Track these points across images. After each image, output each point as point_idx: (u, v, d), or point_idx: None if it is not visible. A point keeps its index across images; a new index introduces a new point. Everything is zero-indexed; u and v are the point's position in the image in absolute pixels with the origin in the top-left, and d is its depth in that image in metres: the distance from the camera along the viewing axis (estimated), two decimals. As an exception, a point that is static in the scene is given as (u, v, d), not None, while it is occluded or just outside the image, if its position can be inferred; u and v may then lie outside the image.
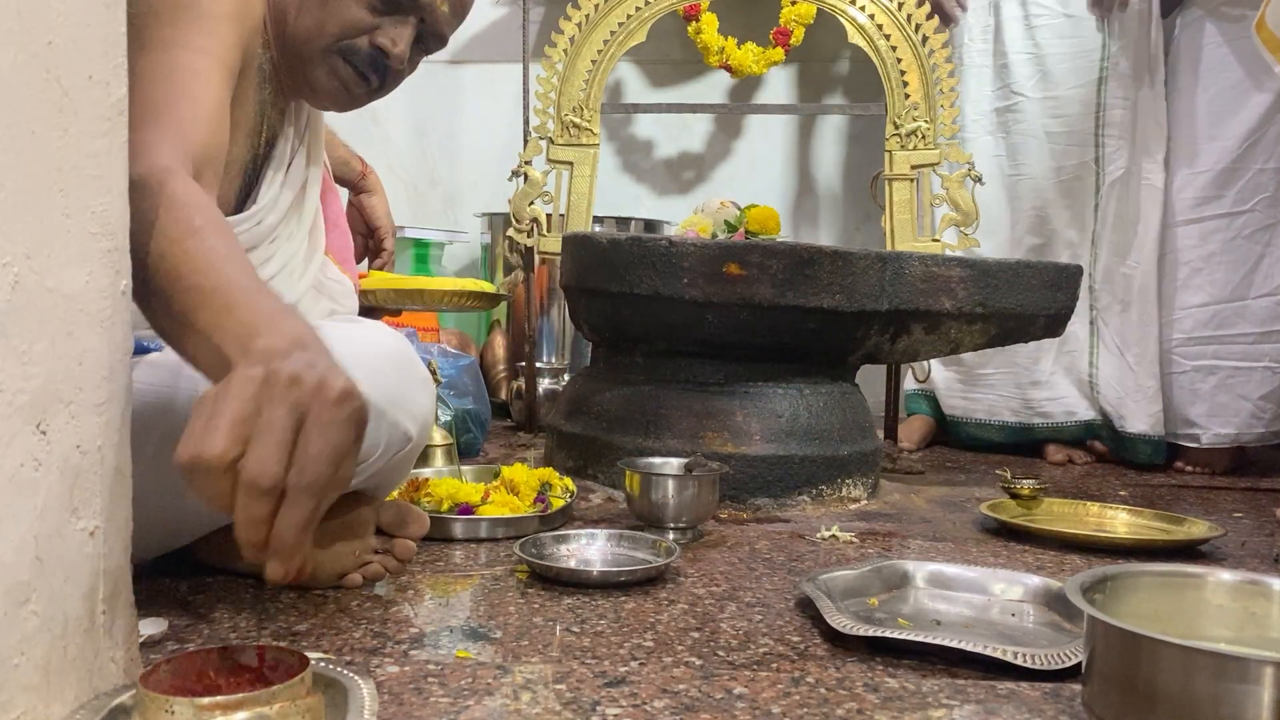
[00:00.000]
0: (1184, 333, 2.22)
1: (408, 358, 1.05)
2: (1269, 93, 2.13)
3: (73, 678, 0.61)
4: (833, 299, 1.54)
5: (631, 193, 3.16)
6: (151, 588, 0.99)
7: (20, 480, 0.56)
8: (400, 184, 3.12)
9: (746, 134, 3.18)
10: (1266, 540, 1.50)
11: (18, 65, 0.56)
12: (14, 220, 0.56)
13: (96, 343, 0.63)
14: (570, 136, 2.27)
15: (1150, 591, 0.85)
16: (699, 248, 1.54)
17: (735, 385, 1.60)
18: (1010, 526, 1.44)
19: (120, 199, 0.66)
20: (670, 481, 1.32)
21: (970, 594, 1.07)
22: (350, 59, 1.08)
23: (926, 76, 2.23)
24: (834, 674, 0.84)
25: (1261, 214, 2.17)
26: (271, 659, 0.64)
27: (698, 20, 2.86)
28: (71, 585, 0.61)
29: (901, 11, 2.23)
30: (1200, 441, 2.20)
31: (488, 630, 0.93)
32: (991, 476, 1.95)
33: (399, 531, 1.06)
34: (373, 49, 1.08)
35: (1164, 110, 2.25)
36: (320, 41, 1.06)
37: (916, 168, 2.25)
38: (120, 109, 0.65)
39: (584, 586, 1.08)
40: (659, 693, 0.78)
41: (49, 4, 0.58)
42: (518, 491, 1.35)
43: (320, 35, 1.06)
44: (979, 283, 1.64)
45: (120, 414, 0.67)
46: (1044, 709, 0.78)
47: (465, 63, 3.13)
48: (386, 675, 0.80)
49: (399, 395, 1.00)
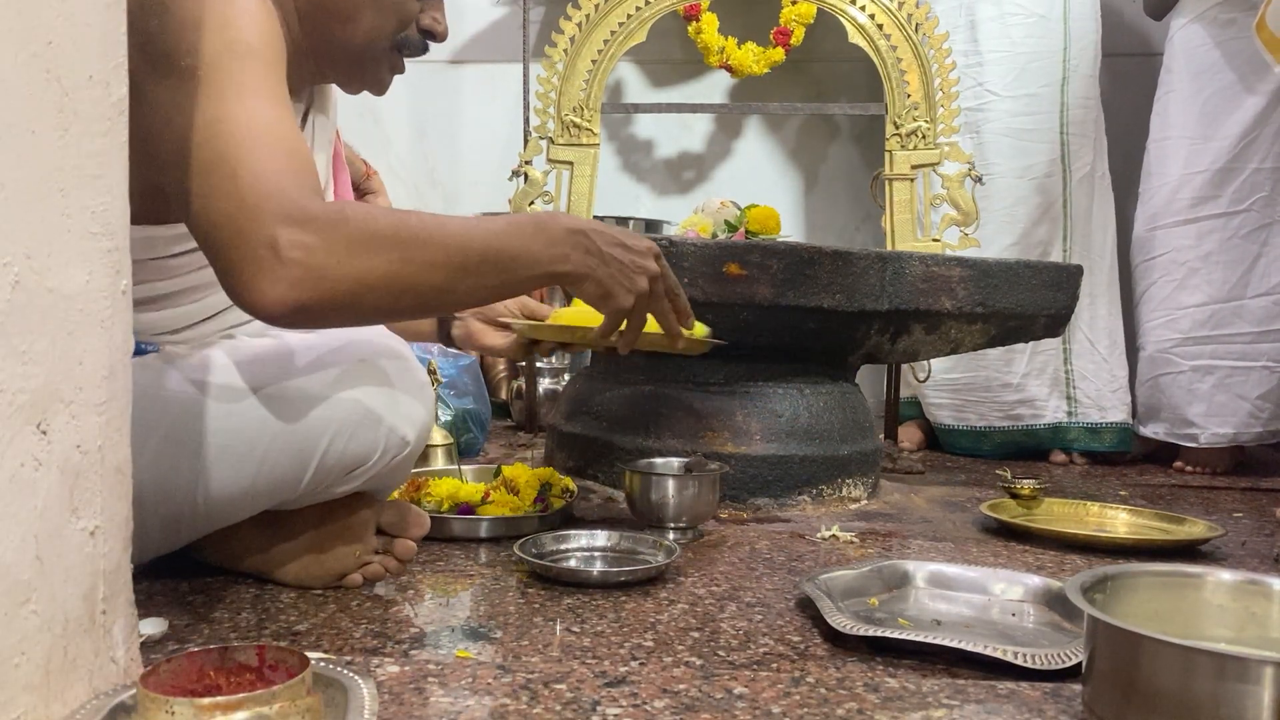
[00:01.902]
0: (1182, 332, 2.22)
1: (405, 363, 1.05)
2: (1262, 95, 2.14)
3: (73, 678, 0.61)
4: (833, 299, 1.54)
5: (631, 193, 3.16)
6: (151, 588, 0.99)
7: (20, 480, 0.56)
8: (400, 184, 3.11)
9: (746, 134, 3.17)
10: (1266, 540, 1.50)
11: (18, 65, 0.56)
12: (14, 220, 0.56)
13: (96, 343, 0.63)
14: (570, 136, 2.27)
15: (1150, 591, 0.85)
16: (699, 248, 1.54)
17: (735, 385, 1.60)
18: (1010, 526, 1.44)
19: (120, 199, 0.66)
20: (670, 481, 1.31)
21: (970, 594, 1.07)
22: (404, 50, 1.09)
23: (927, 76, 2.23)
24: (834, 674, 0.84)
25: (1258, 214, 2.17)
26: (271, 659, 0.64)
27: (698, 20, 2.86)
28: (71, 585, 0.61)
29: (901, 11, 2.23)
30: (1198, 441, 2.20)
31: (488, 630, 0.93)
32: (991, 476, 1.95)
33: (399, 532, 1.06)
34: (421, 34, 1.09)
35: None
36: (381, 43, 1.06)
37: (916, 168, 2.25)
38: (120, 108, 0.65)
39: (584, 586, 1.08)
40: (659, 693, 0.78)
41: (49, 4, 0.58)
42: (518, 491, 1.35)
43: (381, 36, 1.05)
44: (979, 283, 1.64)
45: (120, 414, 0.67)
46: (1044, 709, 0.78)
47: (465, 63, 3.13)
48: (386, 675, 0.80)
49: (396, 401, 1.00)
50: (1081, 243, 2.32)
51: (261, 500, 0.97)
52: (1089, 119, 2.33)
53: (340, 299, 0.83)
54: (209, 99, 0.83)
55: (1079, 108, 2.31)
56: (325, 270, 0.82)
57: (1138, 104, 2.48)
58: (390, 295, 0.86)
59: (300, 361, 0.98)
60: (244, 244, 0.80)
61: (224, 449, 0.93)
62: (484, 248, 0.91)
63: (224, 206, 0.81)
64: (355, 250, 0.83)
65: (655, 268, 1.03)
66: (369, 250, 0.84)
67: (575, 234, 0.97)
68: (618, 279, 1.00)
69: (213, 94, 0.84)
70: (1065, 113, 2.30)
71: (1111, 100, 2.50)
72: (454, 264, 0.89)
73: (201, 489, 0.93)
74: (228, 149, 0.82)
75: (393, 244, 0.85)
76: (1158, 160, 2.29)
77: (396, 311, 0.91)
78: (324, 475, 0.97)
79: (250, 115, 0.84)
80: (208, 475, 0.93)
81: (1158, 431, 2.27)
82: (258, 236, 0.80)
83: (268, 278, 0.80)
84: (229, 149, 0.82)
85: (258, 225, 0.80)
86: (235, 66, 0.86)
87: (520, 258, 0.93)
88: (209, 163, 0.82)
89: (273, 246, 0.80)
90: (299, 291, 0.81)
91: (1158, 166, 2.28)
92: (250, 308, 0.82)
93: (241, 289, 0.81)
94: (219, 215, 0.81)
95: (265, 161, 0.82)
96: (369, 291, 0.84)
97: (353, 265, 0.83)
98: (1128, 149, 2.47)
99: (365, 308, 0.86)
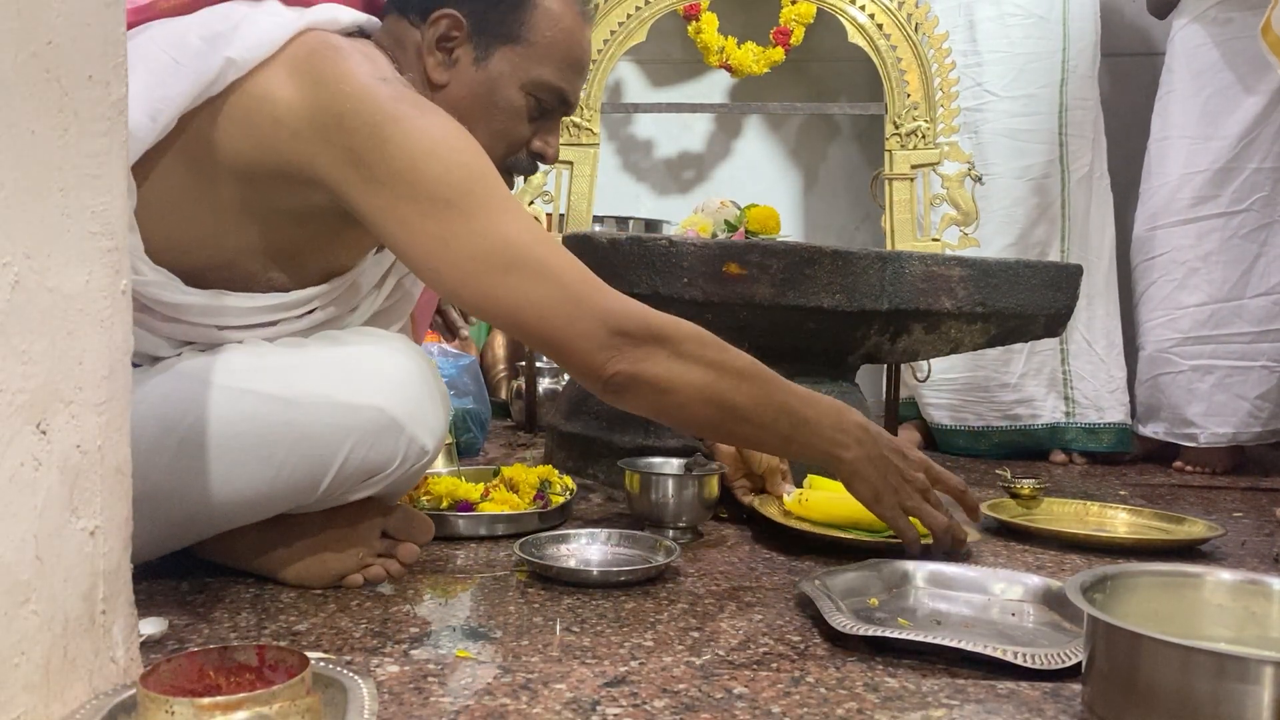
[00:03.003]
0: (1181, 332, 2.22)
1: (429, 375, 1.05)
2: (1262, 95, 2.14)
3: (72, 678, 0.61)
4: (833, 299, 1.54)
5: (631, 192, 3.16)
6: (151, 588, 0.99)
7: (20, 480, 0.56)
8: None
9: (746, 134, 3.17)
10: (1266, 540, 1.50)
11: (18, 65, 0.56)
12: (14, 220, 0.56)
13: (96, 343, 0.63)
14: (570, 136, 2.27)
15: (1150, 591, 0.85)
16: (699, 248, 1.54)
17: (735, 385, 1.60)
18: (1010, 526, 1.44)
19: (120, 199, 0.66)
20: (670, 481, 1.32)
21: (970, 594, 1.07)
22: (515, 170, 1.11)
23: (926, 76, 2.23)
24: (834, 674, 0.84)
25: (1258, 213, 2.17)
26: (271, 659, 0.64)
27: (698, 20, 2.86)
28: (71, 585, 0.61)
29: (901, 11, 2.23)
30: (1198, 441, 2.20)
31: (488, 630, 0.93)
32: (991, 476, 1.95)
33: (404, 537, 1.06)
34: (530, 157, 1.11)
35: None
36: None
37: (916, 167, 2.25)
38: (120, 109, 0.65)
39: (584, 586, 1.08)
40: (659, 692, 0.78)
41: (49, 4, 0.58)
42: (517, 490, 1.35)
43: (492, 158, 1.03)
44: (979, 282, 1.64)
45: (120, 414, 0.67)
46: (1044, 709, 0.78)
47: (465, 62, 3.13)
48: (386, 675, 0.80)
49: (419, 411, 1.00)
50: (1079, 243, 2.32)
51: (278, 504, 0.98)
52: (1088, 120, 2.33)
53: (660, 382, 0.99)
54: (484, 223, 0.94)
55: (1078, 109, 2.30)
56: (656, 356, 0.98)
57: (1138, 104, 2.48)
58: (698, 399, 1.01)
59: (322, 367, 0.98)
60: (591, 338, 0.96)
61: (243, 452, 0.93)
62: (784, 401, 1.07)
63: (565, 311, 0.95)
64: (686, 351, 1.00)
65: (925, 482, 1.15)
66: (697, 355, 1.01)
67: (863, 429, 1.11)
68: (890, 485, 1.13)
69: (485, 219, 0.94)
70: (1064, 113, 2.30)
71: (1111, 100, 2.50)
72: (757, 396, 1.05)
73: (219, 491, 0.93)
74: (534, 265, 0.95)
75: (717, 361, 1.03)
76: (1158, 160, 2.29)
77: (695, 417, 1.05)
78: (342, 481, 0.97)
79: (533, 233, 0.96)
80: (225, 478, 0.93)
81: (1157, 431, 2.27)
82: (604, 328, 0.96)
83: (611, 360, 0.97)
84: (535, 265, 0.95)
85: (599, 321, 0.96)
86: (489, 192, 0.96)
87: (810, 425, 1.08)
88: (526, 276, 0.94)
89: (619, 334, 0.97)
90: (634, 368, 0.98)
91: (1158, 166, 2.28)
92: (594, 382, 0.99)
93: (588, 368, 0.98)
94: (560, 319, 0.95)
95: (575, 266, 0.97)
96: (683, 388, 1.00)
97: (676, 363, 1.00)
98: (1128, 149, 2.47)
99: (670, 400, 1.01)
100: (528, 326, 0.96)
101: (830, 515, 1.30)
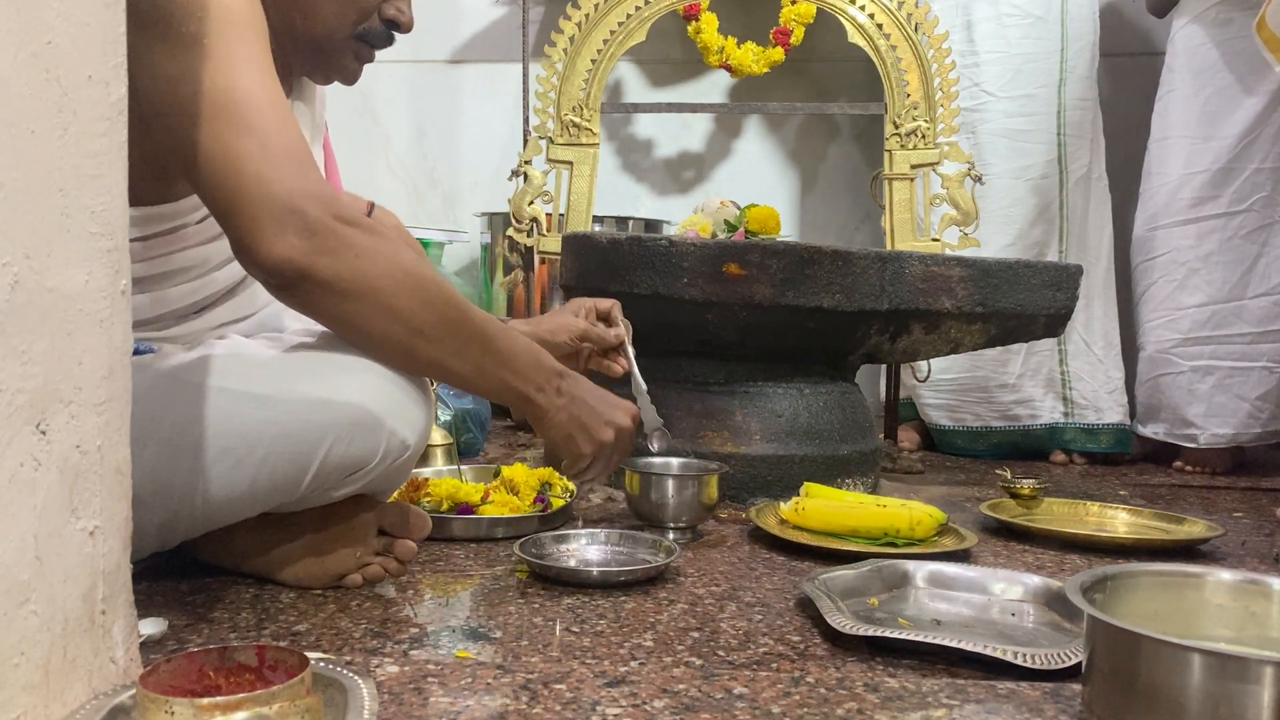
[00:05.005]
0: (1181, 333, 2.22)
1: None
2: (1262, 95, 2.14)
3: (72, 678, 0.61)
4: (833, 299, 1.54)
5: (631, 192, 3.16)
6: (151, 588, 0.99)
7: (20, 480, 0.56)
8: (400, 184, 3.11)
9: (746, 134, 3.17)
10: (1266, 540, 1.50)
11: (17, 65, 0.56)
12: (14, 220, 0.56)
13: (96, 343, 0.63)
14: (570, 136, 2.27)
15: (1150, 591, 0.85)
16: (699, 248, 1.54)
17: (735, 385, 1.60)
18: (1010, 526, 1.44)
19: (120, 198, 0.66)
20: (670, 481, 1.32)
21: (970, 594, 1.07)
22: (368, 40, 1.10)
23: (926, 76, 2.23)
24: (834, 674, 0.84)
25: (1258, 214, 2.17)
26: (271, 659, 0.64)
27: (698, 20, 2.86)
28: (71, 585, 0.61)
29: (901, 11, 2.23)
30: (1198, 441, 2.20)
31: (488, 630, 0.93)
32: (991, 476, 1.95)
33: (401, 533, 1.06)
34: (385, 24, 1.10)
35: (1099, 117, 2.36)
36: (342, 32, 1.07)
37: (916, 167, 2.25)
38: (120, 108, 0.65)
39: (584, 586, 1.08)
40: (659, 693, 0.78)
41: (49, 4, 0.58)
42: (518, 491, 1.35)
43: (341, 27, 1.07)
44: (979, 283, 1.64)
45: (120, 414, 0.67)
46: (1044, 709, 0.78)
47: (465, 62, 3.13)
48: (386, 675, 0.80)
49: (398, 405, 0.99)
50: (1078, 244, 2.32)
51: (261, 502, 0.97)
52: (1086, 120, 2.32)
53: (337, 284, 0.90)
54: (219, 66, 0.88)
55: (1076, 109, 2.30)
56: (336, 251, 0.89)
57: (1137, 104, 2.48)
58: (381, 311, 0.93)
59: (301, 364, 0.98)
60: (270, 203, 0.87)
61: (224, 451, 0.93)
62: (481, 329, 1.00)
63: (254, 168, 0.86)
64: (373, 252, 0.91)
65: (626, 423, 1.16)
66: (386, 259, 0.92)
67: (558, 374, 1.09)
68: (583, 424, 1.12)
69: (222, 63, 0.88)
70: (1062, 114, 2.30)
71: (1111, 100, 2.50)
72: (449, 318, 0.97)
73: (200, 490, 0.93)
74: (251, 117, 0.87)
75: (409, 271, 0.93)
76: (1158, 160, 2.28)
77: (373, 332, 0.96)
78: (324, 478, 0.97)
79: (266, 90, 0.89)
80: (207, 477, 0.93)
81: (1157, 431, 2.27)
82: (285, 201, 0.87)
83: (280, 237, 0.87)
84: (253, 117, 0.87)
85: (285, 190, 0.87)
86: (239, 38, 0.90)
87: (504, 358, 1.04)
88: (232, 125, 0.87)
89: (298, 213, 0.87)
90: (305, 259, 0.88)
91: (1158, 166, 2.28)
92: (253, 258, 0.88)
93: (250, 240, 0.87)
94: (247, 175, 0.86)
95: (291, 135, 0.89)
96: (365, 294, 0.92)
97: (362, 263, 0.91)
98: (1127, 149, 2.47)
99: (348, 308, 0.92)
100: (215, 179, 0.88)
101: (828, 524, 1.30)
